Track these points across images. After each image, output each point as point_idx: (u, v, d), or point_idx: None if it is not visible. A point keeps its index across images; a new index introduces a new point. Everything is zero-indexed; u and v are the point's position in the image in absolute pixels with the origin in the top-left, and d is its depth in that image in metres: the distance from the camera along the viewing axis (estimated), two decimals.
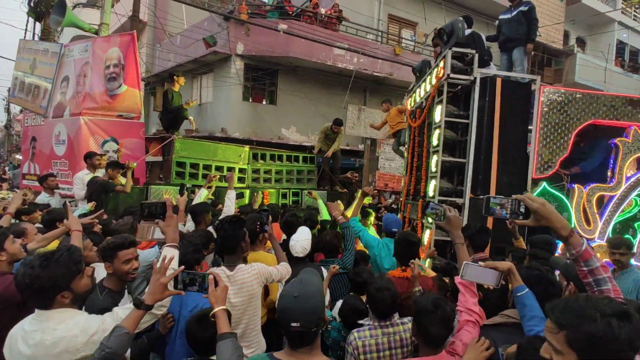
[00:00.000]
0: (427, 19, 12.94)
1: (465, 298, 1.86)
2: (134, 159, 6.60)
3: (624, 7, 19.09)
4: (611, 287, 1.40)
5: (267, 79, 11.21)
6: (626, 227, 4.24)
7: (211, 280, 1.74)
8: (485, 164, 4.13)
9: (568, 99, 4.35)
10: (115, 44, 6.65)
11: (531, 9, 5.49)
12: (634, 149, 4.24)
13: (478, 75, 4.20)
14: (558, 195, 4.23)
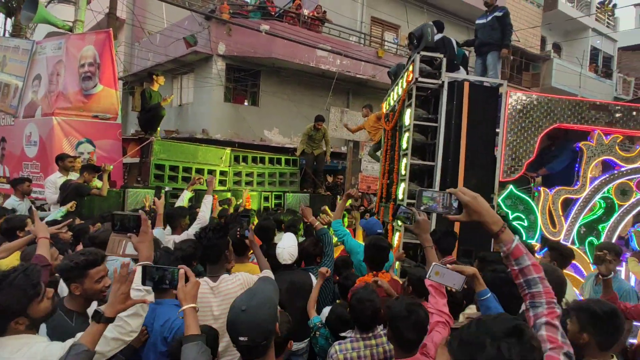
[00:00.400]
0: (409, 22, 13.05)
1: (436, 300, 1.88)
2: (110, 161, 6.38)
3: (598, 14, 19.73)
4: (542, 288, 1.29)
5: (249, 80, 11.08)
6: (591, 229, 4.33)
7: (181, 275, 1.62)
8: (453, 167, 4.19)
9: (534, 103, 4.41)
10: (90, 42, 6.43)
11: (505, 15, 5.53)
12: (597, 152, 4.32)
13: (446, 79, 4.26)
14: (524, 198, 4.29)
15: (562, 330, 1.23)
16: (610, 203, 4.34)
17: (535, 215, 4.27)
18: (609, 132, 4.41)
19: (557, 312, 1.25)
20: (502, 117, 4.32)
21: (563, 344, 1.19)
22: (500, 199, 4.27)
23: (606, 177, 4.36)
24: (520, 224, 4.27)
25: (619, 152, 4.34)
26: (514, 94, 4.44)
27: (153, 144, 6.53)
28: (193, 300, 1.60)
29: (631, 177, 4.35)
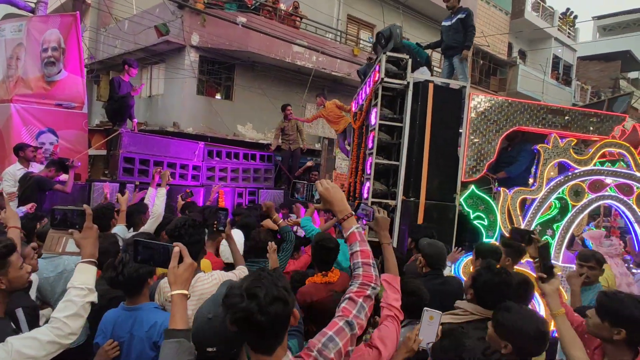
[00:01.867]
0: (385, 22, 13.17)
1: (387, 294, 1.93)
2: (75, 152, 6.05)
3: (560, 25, 20.73)
4: (362, 272, 1.44)
5: (223, 73, 10.80)
6: (546, 228, 4.49)
7: (175, 254, 1.42)
8: (417, 167, 4.28)
9: (495, 106, 4.54)
10: (54, 24, 6.03)
11: (468, 16, 5.60)
12: (553, 154, 4.48)
13: (411, 80, 4.34)
14: (485, 198, 4.40)
15: (360, 306, 1.36)
16: (565, 203, 4.51)
17: (495, 215, 4.38)
18: (564, 136, 4.60)
19: (365, 293, 1.39)
20: (464, 118, 4.42)
21: (353, 315, 1.33)
22: (462, 198, 4.37)
23: (561, 179, 4.53)
24: (481, 223, 4.38)
25: (572, 155, 4.53)
26: (477, 96, 4.55)
27: (122, 136, 6.23)
28: (185, 285, 1.41)
29: (584, 178, 4.54)
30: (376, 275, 1.46)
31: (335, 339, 1.26)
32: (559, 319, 1.79)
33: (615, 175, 4.65)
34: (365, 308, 1.37)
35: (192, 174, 7.10)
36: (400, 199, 4.30)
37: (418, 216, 4.27)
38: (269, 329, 1.14)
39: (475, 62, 16.81)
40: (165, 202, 3.39)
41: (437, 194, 4.34)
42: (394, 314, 1.87)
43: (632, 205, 4.69)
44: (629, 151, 4.70)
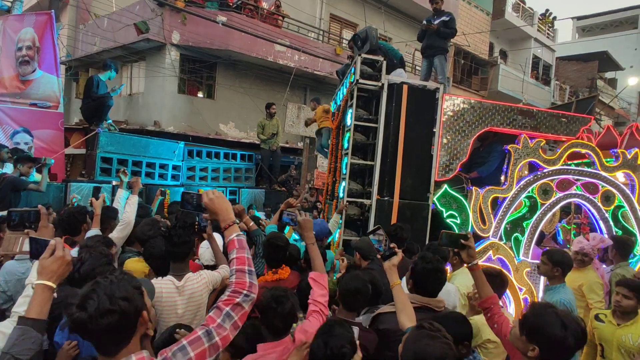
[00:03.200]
0: (367, 22, 13.27)
1: (314, 291, 2.06)
2: (51, 153, 6.00)
3: (540, 25, 21.18)
4: (234, 279, 1.43)
5: (205, 72, 10.77)
6: (516, 226, 4.63)
7: (50, 246, 1.42)
8: (391, 167, 4.39)
9: (468, 107, 4.67)
10: (29, 23, 5.96)
11: (452, 20, 5.75)
12: (523, 154, 4.61)
13: (386, 81, 4.44)
14: (458, 197, 4.51)
15: (226, 315, 1.34)
16: (534, 202, 4.64)
17: (467, 213, 4.48)
18: (534, 136, 4.74)
19: (234, 301, 1.37)
20: (437, 119, 4.53)
21: (217, 325, 1.31)
22: (435, 197, 4.48)
23: (530, 178, 4.66)
24: (454, 221, 4.49)
25: (542, 155, 4.68)
26: (450, 97, 4.65)
27: (99, 136, 6.20)
28: (50, 276, 1.36)
29: (552, 177, 4.69)
30: (251, 282, 1.43)
31: (187, 348, 1.24)
32: (396, 289, 2.05)
33: (581, 175, 4.83)
34: (233, 317, 1.35)
35: (171, 173, 7.10)
36: (375, 199, 4.41)
37: (392, 215, 4.38)
38: (104, 337, 1.16)
39: (457, 62, 17.07)
40: (135, 209, 3.29)
41: (411, 193, 4.46)
42: (319, 309, 2.01)
43: (597, 203, 4.87)
44: (594, 151, 4.87)
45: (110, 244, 2.85)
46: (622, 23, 29.29)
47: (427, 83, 5.13)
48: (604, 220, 4.90)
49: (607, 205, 4.86)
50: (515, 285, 4.39)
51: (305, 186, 9.79)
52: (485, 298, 2.08)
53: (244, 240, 1.55)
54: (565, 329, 1.51)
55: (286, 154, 10.34)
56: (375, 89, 4.56)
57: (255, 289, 1.45)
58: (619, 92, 20.50)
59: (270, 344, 1.93)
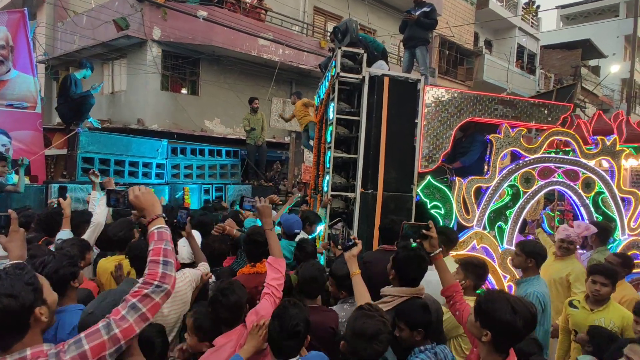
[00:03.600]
0: (351, 14, 13.20)
1: (268, 274, 2.16)
2: (30, 154, 5.89)
3: (524, 15, 21.29)
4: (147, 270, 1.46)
5: (188, 68, 10.63)
6: (499, 215, 4.69)
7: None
8: (374, 160, 4.38)
9: (449, 97, 4.67)
10: (1, 22, 5.81)
11: (433, 10, 5.73)
12: (505, 143, 4.66)
13: (367, 74, 4.42)
14: (441, 187, 4.55)
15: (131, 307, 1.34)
16: (516, 190, 4.70)
17: (451, 204, 4.52)
18: (515, 125, 4.78)
19: (142, 292, 1.38)
20: (419, 110, 4.53)
21: (120, 317, 1.32)
22: (419, 188, 4.50)
23: (512, 167, 4.71)
24: (438, 211, 4.52)
25: (523, 144, 4.72)
26: (431, 89, 4.65)
27: (79, 136, 6.10)
28: None
29: (533, 166, 4.75)
30: (164, 273, 1.43)
31: (82, 340, 1.24)
32: (354, 278, 2.21)
33: (562, 162, 4.90)
34: (140, 308, 1.35)
35: (155, 172, 7.03)
36: (359, 192, 4.42)
37: (376, 208, 4.40)
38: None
39: (442, 53, 17.11)
40: (106, 210, 3.26)
41: (395, 185, 4.46)
42: (271, 292, 2.10)
43: (578, 190, 4.95)
44: (574, 139, 4.93)
45: (88, 248, 2.82)
46: (605, 11, 29.60)
47: (408, 75, 5.12)
48: (584, 206, 4.99)
49: (588, 192, 4.94)
50: (500, 273, 4.45)
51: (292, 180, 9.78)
52: (447, 286, 2.11)
53: (165, 233, 1.56)
54: (514, 313, 1.55)
55: (273, 148, 10.30)
56: (356, 82, 4.53)
57: (169, 279, 1.43)
58: (602, 80, 20.77)
59: (224, 335, 2.01)
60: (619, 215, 5.02)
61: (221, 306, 2.03)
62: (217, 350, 1.93)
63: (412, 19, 5.70)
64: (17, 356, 1.20)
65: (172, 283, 1.46)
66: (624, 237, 4.99)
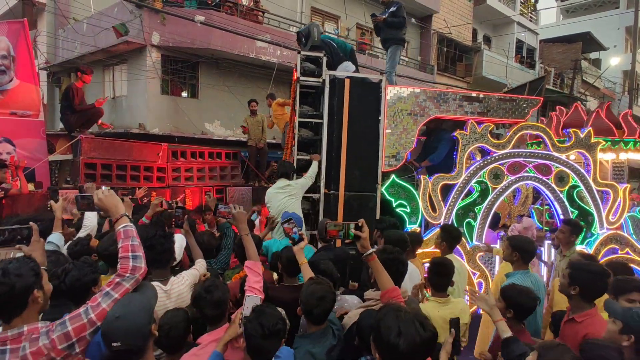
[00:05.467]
0: (347, 14, 13.29)
1: (249, 278, 2.25)
2: (34, 161, 6.02)
3: (522, 10, 21.24)
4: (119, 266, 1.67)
5: (187, 72, 10.74)
6: (467, 212, 4.69)
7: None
8: (336, 161, 4.45)
9: (411, 96, 4.66)
10: (2, 32, 5.92)
11: (399, 9, 5.68)
12: (472, 140, 4.65)
13: (327, 77, 4.49)
14: (406, 186, 4.58)
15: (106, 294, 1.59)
16: (485, 186, 4.70)
17: (417, 202, 4.54)
18: (482, 121, 4.76)
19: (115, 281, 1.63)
20: (381, 110, 4.56)
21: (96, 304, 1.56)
22: (383, 188, 4.53)
23: (480, 163, 4.70)
24: (404, 210, 4.54)
25: (490, 139, 4.71)
26: (393, 88, 4.65)
27: (82, 142, 6.22)
28: None
29: (502, 162, 4.73)
30: (134, 266, 1.67)
31: (66, 323, 1.51)
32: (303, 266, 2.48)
33: (533, 157, 4.82)
34: (112, 295, 1.60)
35: (157, 175, 7.14)
36: (323, 192, 4.49)
37: (338, 208, 4.45)
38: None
39: (440, 50, 17.13)
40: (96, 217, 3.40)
41: (358, 185, 4.50)
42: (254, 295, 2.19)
43: (551, 184, 4.88)
44: (545, 132, 4.88)
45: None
46: (605, 3, 29.44)
47: (369, 75, 5.12)
48: (558, 201, 4.93)
49: (561, 186, 4.89)
50: (469, 270, 4.44)
51: None
52: (383, 292, 2.08)
53: (130, 230, 1.77)
54: (399, 335, 1.44)
55: (272, 149, 10.38)
56: (318, 85, 4.57)
57: (139, 270, 1.68)
58: (603, 72, 20.69)
59: (209, 334, 2.09)
60: (596, 209, 4.94)
61: (205, 303, 2.10)
62: (202, 348, 2.00)
63: (379, 21, 5.77)
64: (16, 331, 1.45)
65: (142, 272, 1.70)
66: (602, 231, 4.93)
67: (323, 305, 2.05)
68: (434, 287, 2.65)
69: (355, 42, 13.83)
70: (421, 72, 15.55)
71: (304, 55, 4.54)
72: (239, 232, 2.49)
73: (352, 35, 14.21)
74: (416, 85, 5.43)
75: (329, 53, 4.73)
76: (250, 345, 1.86)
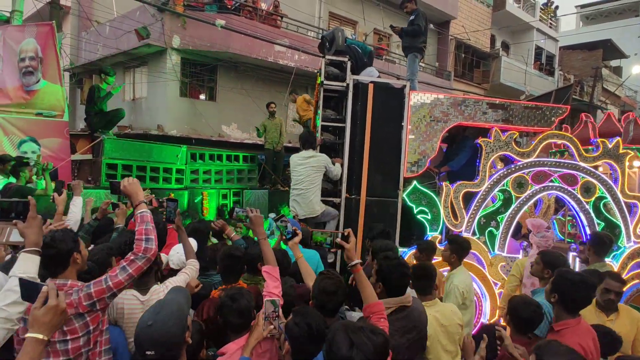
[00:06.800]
0: (365, 19, 13.29)
1: (267, 284, 2.21)
2: (58, 161, 6.12)
3: (542, 16, 20.97)
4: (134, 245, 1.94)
5: (206, 75, 10.86)
6: (490, 220, 4.58)
7: (42, 294, 1.30)
8: (358, 165, 4.43)
9: (435, 102, 4.61)
10: (31, 34, 6.06)
11: (417, 16, 5.69)
12: (495, 148, 4.56)
13: (351, 81, 4.48)
14: (427, 192, 4.52)
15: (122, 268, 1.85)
16: (508, 195, 4.59)
17: (438, 209, 4.47)
18: (506, 129, 4.66)
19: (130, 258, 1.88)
20: (405, 116, 4.52)
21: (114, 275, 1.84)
22: (405, 194, 4.48)
23: (504, 171, 4.60)
24: (424, 217, 4.48)
25: (515, 148, 4.60)
26: (417, 94, 4.60)
27: (104, 143, 6.32)
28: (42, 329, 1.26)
29: (527, 170, 4.61)
30: (146, 247, 1.90)
31: (90, 286, 1.79)
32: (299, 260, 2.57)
33: (558, 166, 4.69)
34: (127, 269, 1.86)
35: (175, 177, 7.21)
36: (344, 197, 4.46)
37: (359, 213, 4.42)
38: (49, 261, 1.82)
39: (458, 56, 17.00)
40: (81, 209, 3.60)
41: (379, 191, 4.47)
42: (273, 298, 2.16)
43: (576, 195, 4.73)
44: (572, 142, 4.74)
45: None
46: (625, 10, 28.92)
47: (393, 81, 5.08)
48: (584, 212, 4.78)
49: (588, 197, 4.74)
50: (490, 279, 4.37)
51: None
52: (366, 305, 2.01)
53: (146, 216, 1.98)
54: (351, 348, 1.39)
55: (289, 153, 10.39)
56: (342, 89, 4.58)
57: (150, 251, 1.92)
58: (624, 81, 20.27)
59: (233, 342, 2.03)
60: (623, 222, 4.76)
61: (230, 311, 2.06)
62: (228, 358, 1.95)
63: (396, 30, 5.79)
64: (62, 281, 1.81)
65: (153, 252, 1.94)
66: (629, 244, 4.75)
67: (336, 299, 2.11)
68: (418, 291, 2.60)
69: (373, 47, 13.82)
70: (438, 78, 15.44)
71: (328, 60, 4.53)
72: (257, 237, 2.41)
73: (369, 40, 14.19)
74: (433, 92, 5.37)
75: (353, 58, 4.72)
76: (296, 348, 1.83)
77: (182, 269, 2.56)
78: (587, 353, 2.12)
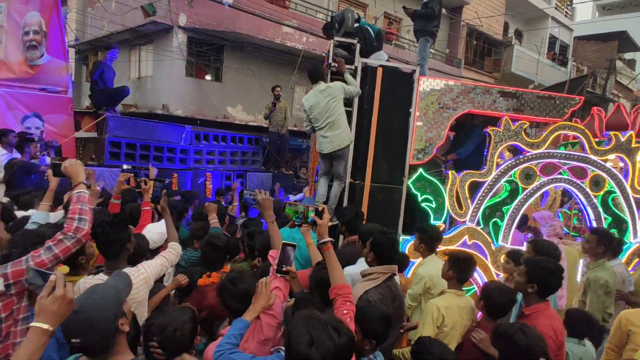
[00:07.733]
0: (376, 2, 12.99)
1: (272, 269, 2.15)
2: (62, 137, 6.11)
3: (558, 4, 20.41)
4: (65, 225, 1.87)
5: (212, 55, 10.70)
6: (495, 211, 4.51)
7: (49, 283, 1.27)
8: (364, 150, 4.34)
9: (445, 89, 4.47)
10: (35, 7, 5.97)
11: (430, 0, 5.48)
12: (504, 137, 4.44)
13: (359, 64, 4.35)
14: (433, 180, 4.44)
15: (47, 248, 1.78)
16: (515, 186, 4.51)
17: (443, 197, 4.40)
18: (517, 119, 4.54)
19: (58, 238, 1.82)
20: (413, 102, 4.40)
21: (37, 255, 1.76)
22: (410, 181, 4.41)
23: (512, 162, 4.51)
24: (429, 205, 4.42)
25: (525, 138, 4.49)
26: (427, 79, 4.48)
27: (108, 121, 6.27)
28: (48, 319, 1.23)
29: (535, 162, 4.52)
30: (77, 227, 1.84)
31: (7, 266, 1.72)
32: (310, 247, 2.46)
33: (568, 159, 4.60)
34: (53, 249, 1.79)
35: (179, 157, 7.18)
36: (348, 182, 4.39)
37: (363, 199, 4.35)
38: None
39: (469, 43, 16.64)
40: None
41: (384, 177, 4.40)
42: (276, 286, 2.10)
43: (585, 189, 4.65)
44: (583, 134, 4.62)
45: None
46: None
47: (402, 65, 4.93)
48: (592, 206, 4.71)
49: (596, 191, 4.66)
50: (492, 271, 4.33)
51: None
52: (333, 287, 1.90)
53: (83, 196, 1.93)
54: (310, 345, 1.28)
55: (294, 137, 10.31)
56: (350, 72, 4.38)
57: (81, 231, 1.86)
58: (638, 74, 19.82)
59: None
60: (631, 217, 4.69)
61: (230, 295, 2.01)
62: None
63: (409, 12, 5.63)
64: None
65: (85, 233, 1.88)
66: (635, 240, 4.69)
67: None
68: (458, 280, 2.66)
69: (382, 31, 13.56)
70: (447, 65, 15.14)
71: (337, 41, 4.41)
72: (265, 220, 2.39)
73: (379, 24, 13.88)
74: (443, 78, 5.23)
75: (363, 40, 4.58)
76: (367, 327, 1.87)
77: (161, 253, 2.50)
78: (557, 334, 2.29)
